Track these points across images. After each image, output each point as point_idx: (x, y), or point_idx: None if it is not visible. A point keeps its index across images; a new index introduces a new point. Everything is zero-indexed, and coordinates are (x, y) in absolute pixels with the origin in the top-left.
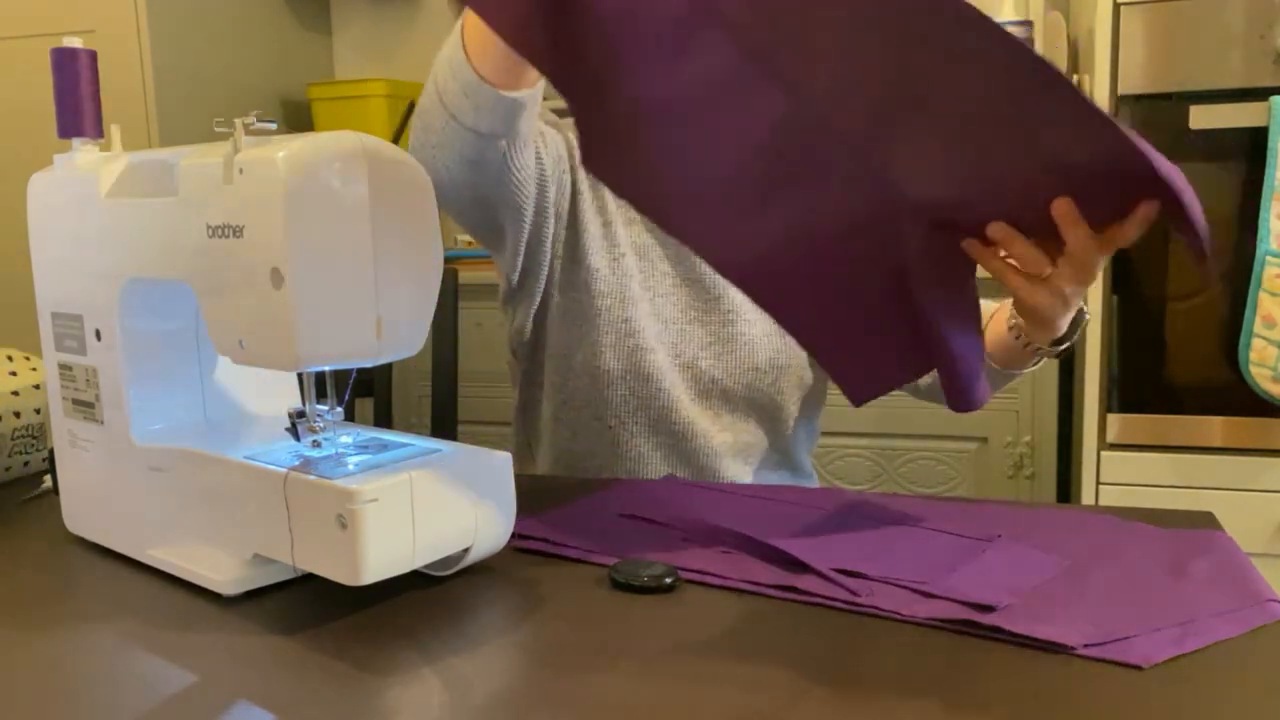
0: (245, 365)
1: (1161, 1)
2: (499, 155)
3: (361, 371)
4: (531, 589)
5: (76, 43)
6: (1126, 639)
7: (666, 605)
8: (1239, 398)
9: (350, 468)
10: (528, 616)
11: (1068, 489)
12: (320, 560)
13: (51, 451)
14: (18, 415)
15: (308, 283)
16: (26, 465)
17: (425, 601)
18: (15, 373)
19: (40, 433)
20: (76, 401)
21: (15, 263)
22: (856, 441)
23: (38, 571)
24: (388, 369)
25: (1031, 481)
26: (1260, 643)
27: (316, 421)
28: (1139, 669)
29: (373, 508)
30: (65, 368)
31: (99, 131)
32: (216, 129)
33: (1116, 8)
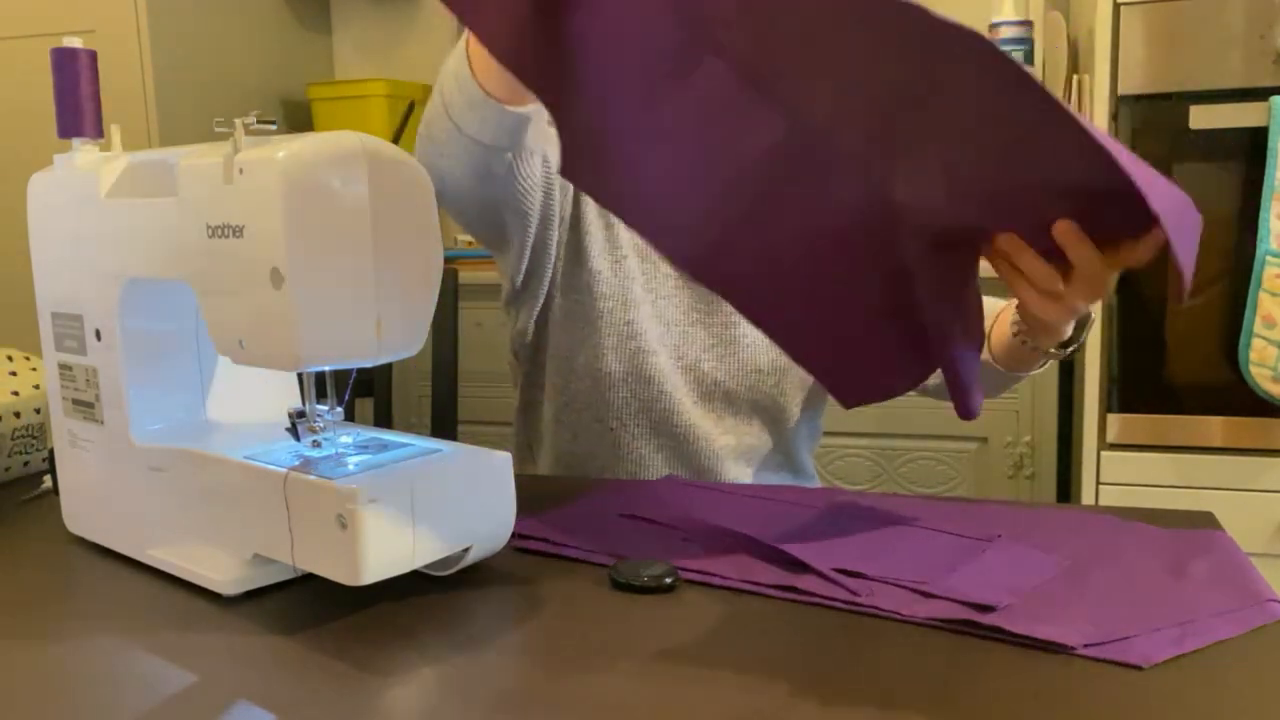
0: (245, 365)
1: (1161, 1)
2: (505, 165)
3: (361, 371)
4: (531, 589)
5: (76, 43)
6: (1126, 639)
7: (666, 605)
8: (1239, 398)
9: (350, 468)
10: (528, 616)
11: (1068, 489)
12: (320, 560)
13: (51, 451)
14: (18, 415)
15: (308, 283)
16: (26, 465)
17: (425, 601)
18: (15, 373)
19: (40, 433)
20: (76, 401)
21: (15, 263)
22: (856, 441)
23: (38, 571)
24: (388, 369)
25: (1031, 481)
26: (1260, 643)
27: (316, 421)
28: (1139, 669)
29: (373, 508)
30: (65, 368)
31: (99, 131)
32: (216, 129)
33: (1116, 8)
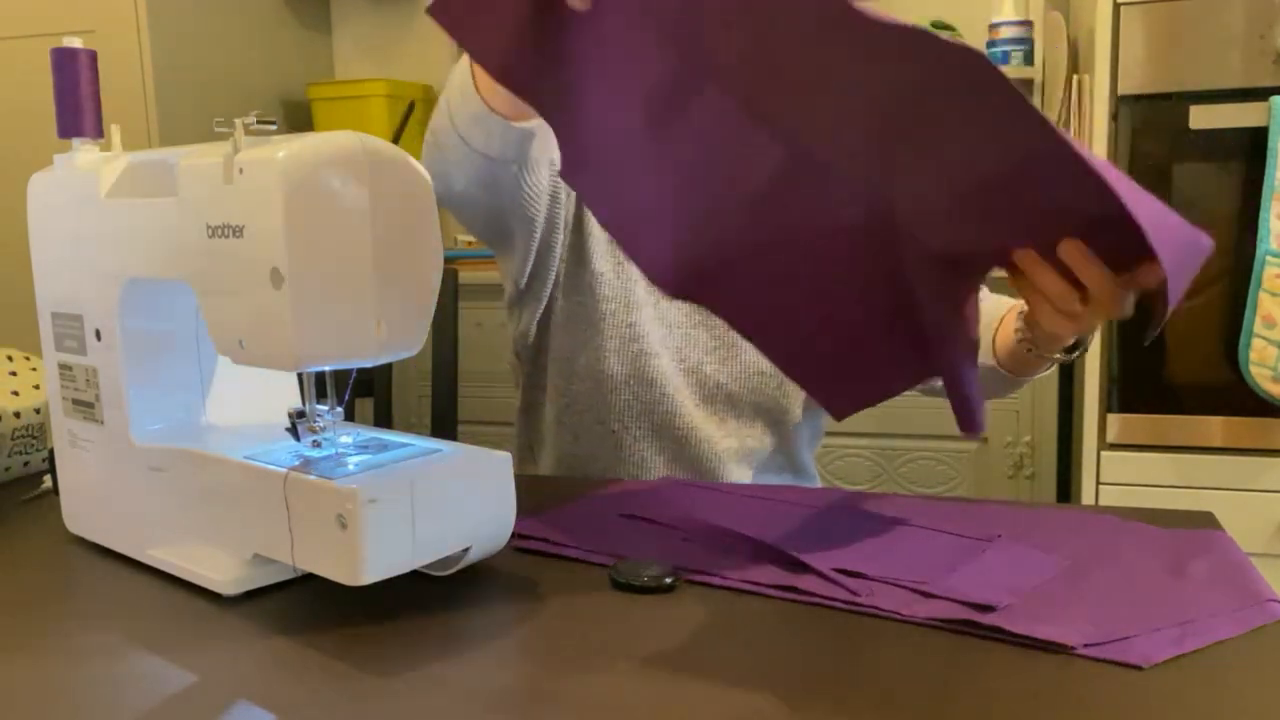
0: (245, 365)
1: (1161, 1)
2: (511, 176)
3: (361, 371)
4: (531, 589)
5: (76, 43)
6: (1126, 639)
7: (666, 605)
8: (1239, 398)
9: (350, 468)
10: (528, 616)
11: (1068, 489)
12: (320, 560)
13: (51, 451)
14: (18, 415)
15: (308, 283)
16: (26, 465)
17: (425, 601)
18: (15, 373)
19: (40, 433)
20: (76, 401)
21: (15, 263)
22: (856, 441)
23: (38, 571)
24: (388, 369)
25: (1031, 481)
26: (1260, 643)
27: (316, 421)
28: (1139, 669)
29: (373, 508)
30: (65, 368)
31: (99, 131)
32: (216, 129)
33: (1116, 8)
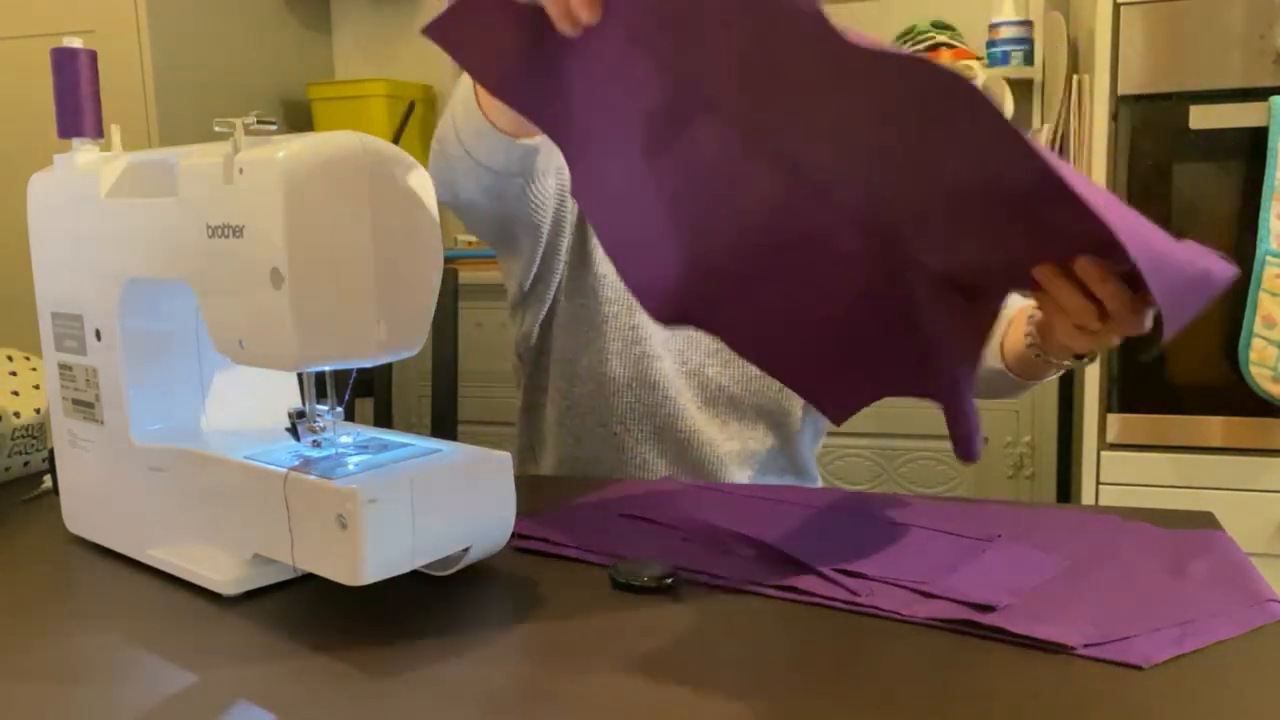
0: (245, 365)
1: (1161, 1)
2: (517, 188)
3: (361, 371)
4: (531, 589)
5: (76, 43)
6: (1126, 639)
7: (666, 605)
8: (1239, 398)
9: (350, 468)
10: (528, 616)
11: (1068, 489)
12: (320, 560)
13: (51, 451)
14: (18, 415)
15: (308, 283)
16: (26, 465)
17: (425, 601)
18: (15, 373)
19: (40, 433)
20: (76, 401)
21: (15, 263)
22: (856, 441)
23: (38, 571)
24: (388, 369)
25: (1031, 481)
26: (1260, 643)
27: (316, 421)
28: (1139, 669)
29: (373, 508)
30: (65, 368)
31: (99, 131)
32: (216, 129)
33: (1116, 8)
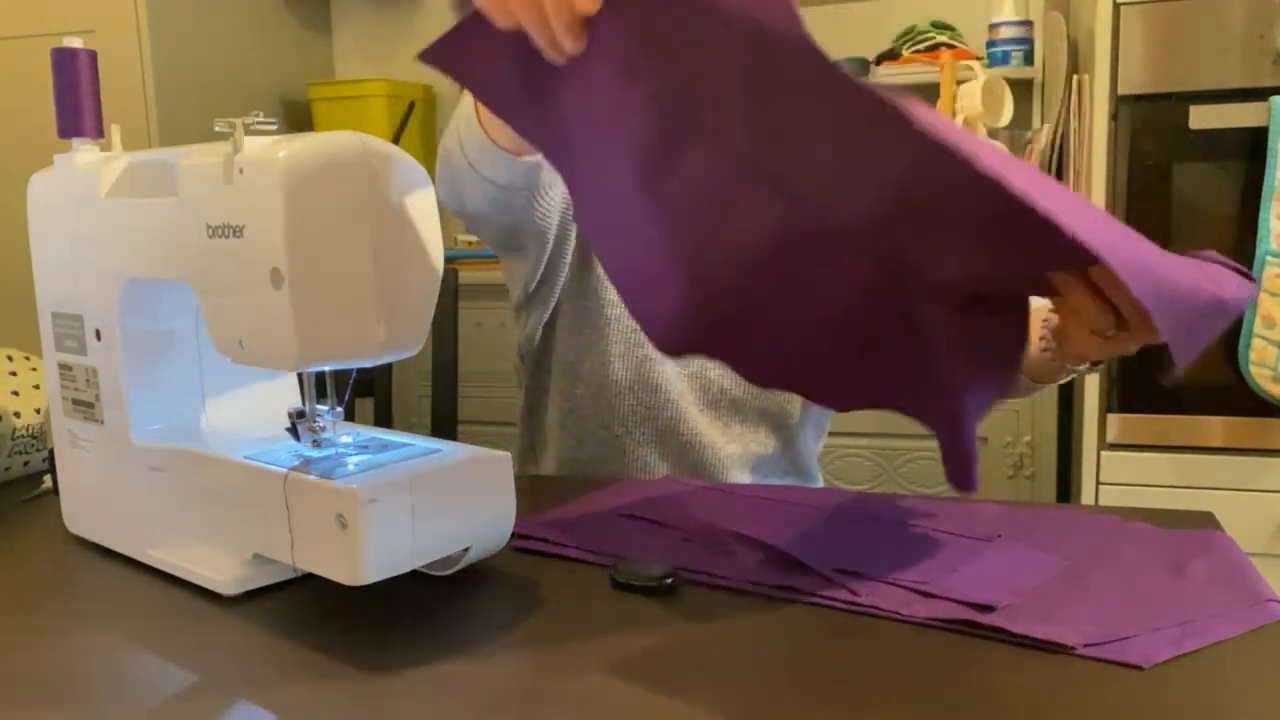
0: (245, 365)
1: (1161, 1)
2: (523, 200)
3: (361, 371)
4: (531, 589)
5: (76, 43)
6: (1126, 639)
7: (666, 605)
8: (1239, 398)
9: (350, 468)
10: (528, 616)
11: (1068, 489)
12: (320, 560)
13: (51, 451)
14: (18, 415)
15: (308, 283)
16: (26, 465)
17: (425, 601)
18: (15, 373)
19: (40, 433)
20: (76, 401)
21: (15, 263)
22: (856, 441)
23: (38, 571)
24: (388, 369)
25: (1031, 481)
26: (1260, 643)
27: (316, 421)
28: (1139, 669)
29: (373, 508)
30: (65, 368)
31: (99, 131)
32: (216, 129)
33: (1116, 8)
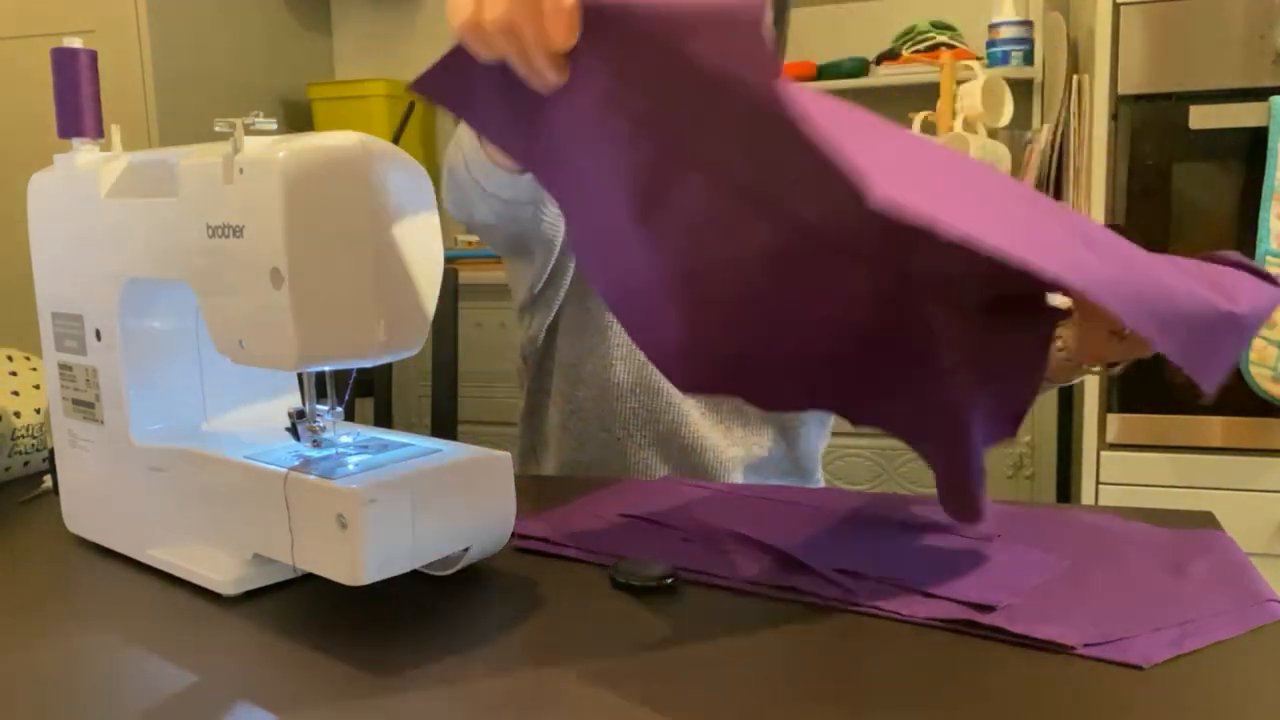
0: (245, 365)
1: (1161, 1)
2: (529, 212)
3: (361, 371)
4: (531, 589)
5: (76, 43)
6: (1126, 639)
7: (666, 605)
8: (1239, 398)
9: (350, 468)
10: (528, 616)
11: (1068, 489)
12: (320, 560)
13: (51, 451)
14: (18, 415)
15: (308, 283)
16: (26, 465)
17: (425, 601)
18: (15, 373)
19: (40, 433)
20: (76, 401)
21: (15, 263)
22: (856, 441)
23: (38, 571)
24: (388, 369)
25: (1031, 481)
26: (1260, 643)
27: (316, 421)
28: (1139, 669)
29: (373, 508)
30: (65, 368)
31: (99, 131)
32: (216, 129)
33: (1116, 8)
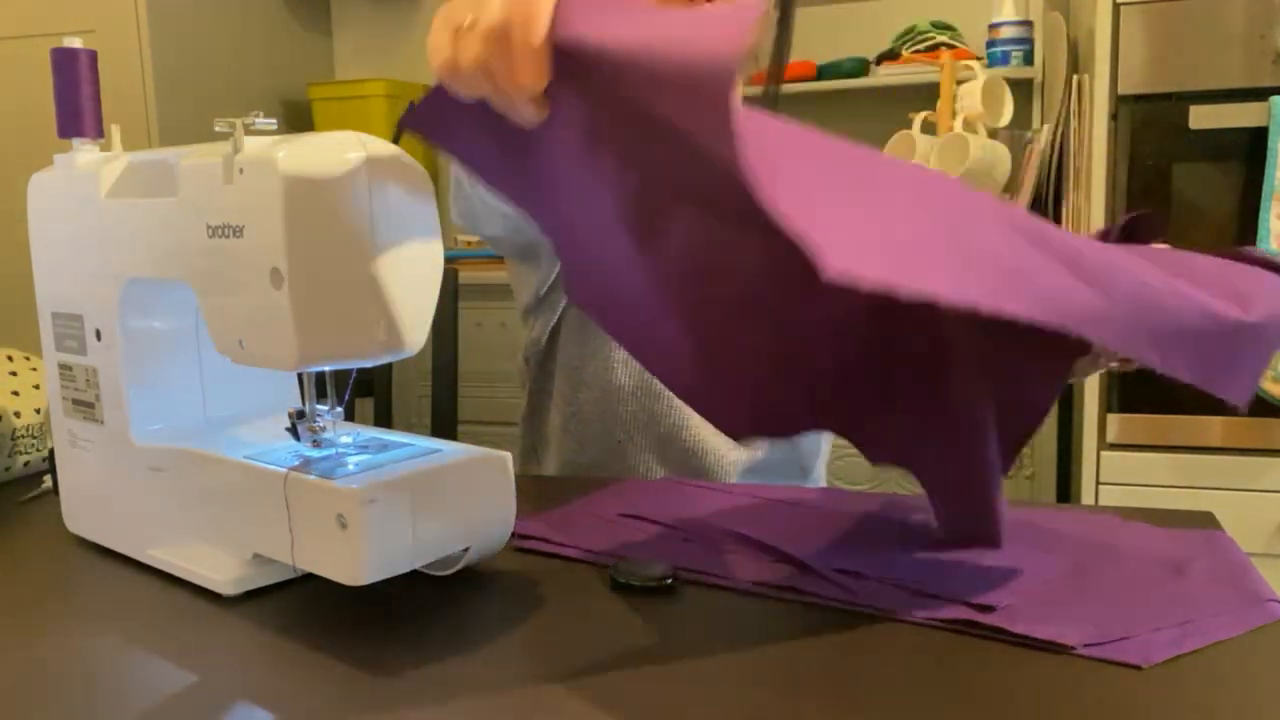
0: (245, 365)
1: (1161, 1)
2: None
3: (361, 371)
4: (531, 589)
5: (76, 43)
6: (1126, 639)
7: (666, 605)
8: None
9: (350, 468)
10: (528, 616)
11: (1068, 489)
12: (320, 560)
13: (51, 451)
14: (18, 415)
15: (308, 283)
16: (26, 465)
17: (425, 601)
18: (15, 373)
19: (40, 433)
20: (76, 401)
21: (15, 263)
22: None
23: (38, 571)
24: (388, 369)
25: (1031, 481)
26: (1260, 643)
27: (316, 421)
28: (1139, 669)
29: (373, 508)
30: (65, 368)
31: (99, 131)
32: (216, 129)
33: (1116, 8)
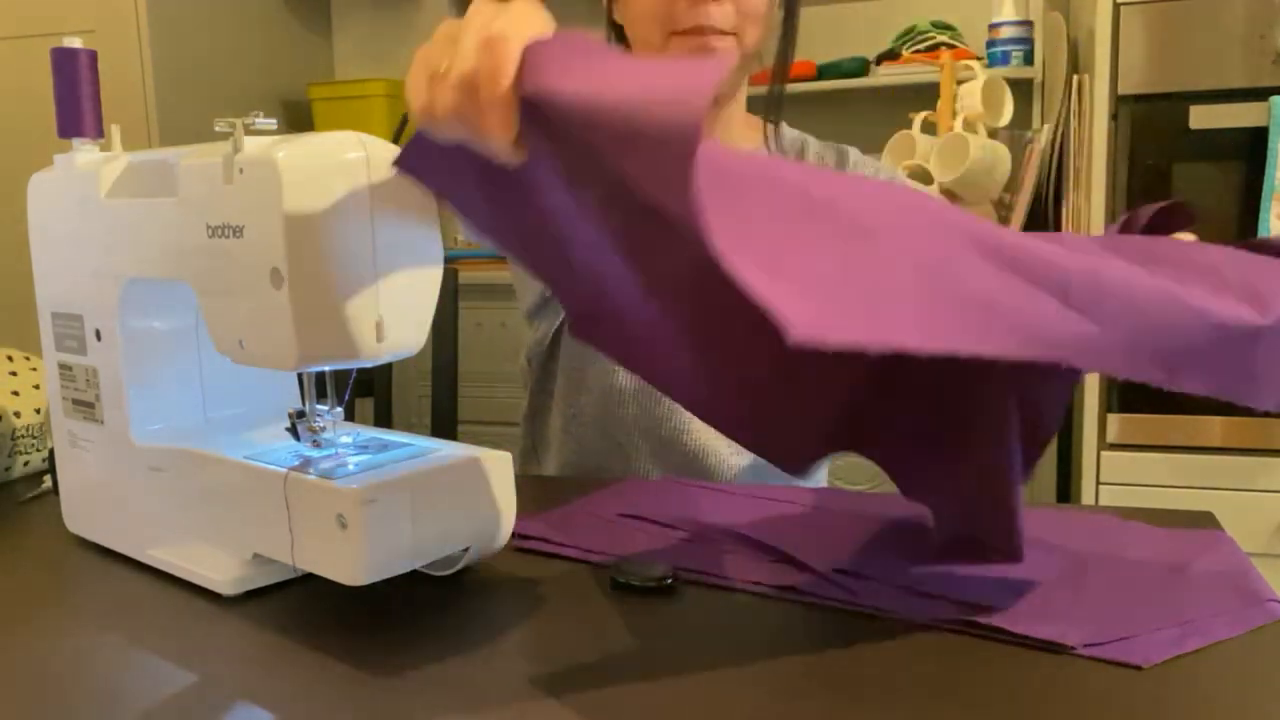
0: (245, 365)
1: (1161, 1)
2: None
3: (361, 371)
4: (531, 589)
5: (76, 43)
6: (1126, 639)
7: (666, 605)
8: None
9: (350, 468)
10: (528, 616)
11: (1068, 489)
12: (320, 560)
13: (51, 451)
14: (18, 415)
15: (308, 283)
16: (26, 465)
17: (425, 601)
18: (15, 373)
19: (40, 433)
20: (76, 401)
21: (15, 263)
22: None
23: (38, 571)
24: (388, 369)
25: (1031, 482)
26: (1260, 643)
27: (316, 421)
28: (1139, 669)
29: (372, 508)
30: (65, 368)
31: (99, 131)
32: (216, 129)
33: (1116, 8)
